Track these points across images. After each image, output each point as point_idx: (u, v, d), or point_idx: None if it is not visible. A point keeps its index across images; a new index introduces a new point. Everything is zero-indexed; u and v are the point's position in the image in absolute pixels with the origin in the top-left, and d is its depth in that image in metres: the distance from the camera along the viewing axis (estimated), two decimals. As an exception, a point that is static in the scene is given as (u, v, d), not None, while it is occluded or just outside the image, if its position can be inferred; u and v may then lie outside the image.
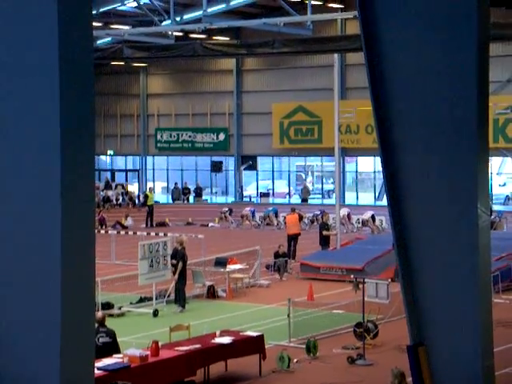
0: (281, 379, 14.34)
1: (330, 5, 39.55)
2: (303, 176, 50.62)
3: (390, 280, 17.52)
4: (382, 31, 9.94)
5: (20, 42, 6.97)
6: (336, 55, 28.76)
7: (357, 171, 48.07)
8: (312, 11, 31.89)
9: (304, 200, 45.95)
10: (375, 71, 10.05)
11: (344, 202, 42.00)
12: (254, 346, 14.41)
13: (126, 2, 39.22)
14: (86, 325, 7.26)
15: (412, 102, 10.00)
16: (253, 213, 37.29)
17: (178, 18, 36.91)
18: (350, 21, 42.11)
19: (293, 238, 26.98)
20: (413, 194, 10.10)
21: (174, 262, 19.97)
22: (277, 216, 36.52)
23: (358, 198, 46.61)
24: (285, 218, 29.68)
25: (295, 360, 14.96)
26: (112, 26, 38.00)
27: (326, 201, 46.81)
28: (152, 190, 44.09)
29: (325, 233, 27.04)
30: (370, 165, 46.84)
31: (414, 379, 10.42)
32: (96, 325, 12.31)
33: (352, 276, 20.14)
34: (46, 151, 7.06)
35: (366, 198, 46.57)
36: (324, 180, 49.96)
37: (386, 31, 9.94)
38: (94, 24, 26.21)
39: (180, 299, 19.78)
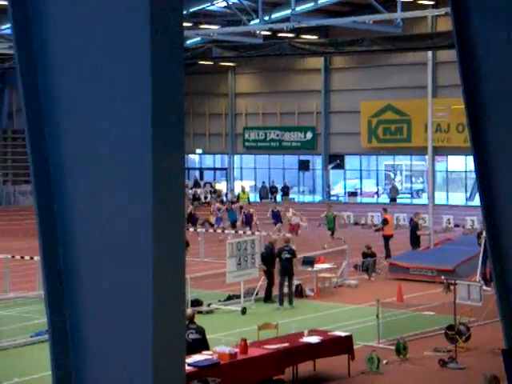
0: (370, 380, 14.20)
1: (421, 1, 38.95)
2: (392, 175, 50.05)
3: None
4: (475, 28, 9.72)
5: (111, 43, 7.08)
6: (430, 53, 28.29)
7: (447, 170, 47.24)
8: (402, 8, 31.47)
9: (392, 199, 45.43)
10: (468, 69, 9.83)
11: (434, 201, 41.32)
12: (343, 346, 14.31)
13: (215, 2, 39.53)
14: (177, 321, 7.33)
15: (507, 100, 9.74)
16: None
17: (266, 18, 36.98)
18: (441, 17, 41.39)
19: (388, 238, 26.84)
20: (508, 195, 9.84)
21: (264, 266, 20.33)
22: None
23: (448, 197, 45.81)
24: (385, 218, 28.31)
25: (385, 361, 14.79)
26: (201, 26, 38.37)
27: (415, 200, 46.18)
28: (245, 189, 44.36)
29: (419, 233, 26.72)
30: (461, 164, 45.97)
31: (509, 384, 10.15)
32: (186, 321, 12.44)
33: (442, 277, 19.79)
34: (137, 150, 7.15)
35: (457, 197, 45.73)
36: (413, 179, 49.30)
37: (480, 28, 9.72)
38: (184, 24, 26.49)
39: (288, 296, 20.03)
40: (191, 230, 30.07)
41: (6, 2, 28.33)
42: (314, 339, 14.02)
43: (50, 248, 7.44)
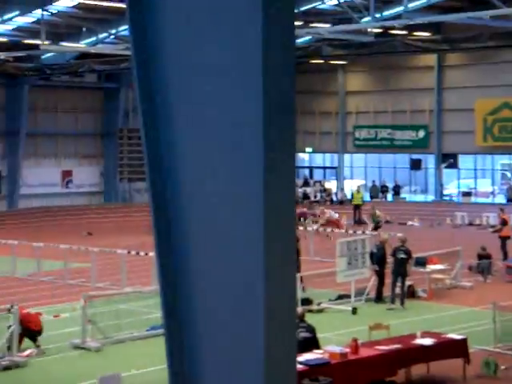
0: (486, 385, 13.82)
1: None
2: (508, 175, 48.64)
3: None
4: None
5: (224, 43, 7.11)
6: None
7: None
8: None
9: (510, 200, 44.15)
10: None
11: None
12: (457, 349, 13.97)
13: (326, 1, 39.38)
14: (288, 319, 7.30)
15: None
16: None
17: (377, 15, 36.57)
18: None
19: (506, 240, 26.12)
20: None
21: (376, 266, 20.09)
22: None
23: None
24: (503, 218, 27.18)
25: (503, 367, 14.34)
26: (312, 25, 38.30)
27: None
28: (360, 189, 44.12)
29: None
30: None
31: None
32: (296, 320, 12.41)
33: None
34: (249, 149, 7.14)
35: None
36: (530, 179, 47.75)
37: None
38: (295, 23, 26.52)
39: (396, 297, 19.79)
40: (301, 228, 30.09)
41: (123, 5, 28.69)
42: (428, 341, 13.74)
43: (165, 245, 7.56)
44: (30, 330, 16.30)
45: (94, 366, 15.28)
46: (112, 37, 39.99)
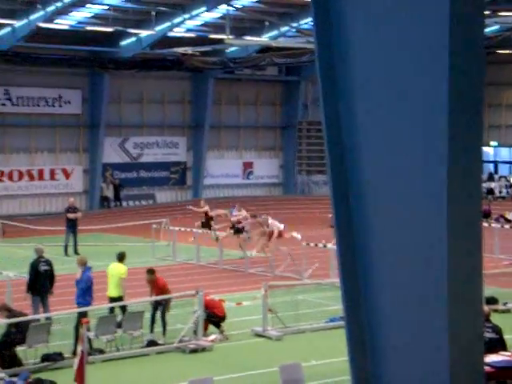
0: None
1: None
2: None
3: None
4: None
5: (408, 35, 7.00)
6: None
7: None
8: None
9: None
10: None
11: None
12: None
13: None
14: (474, 318, 7.10)
15: None
16: None
17: None
18: None
19: None
20: None
21: None
22: None
23: None
24: None
25: None
26: (500, 14, 36.93)
27: None
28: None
29: None
30: None
31: None
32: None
33: None
34: (433, 141, 7.01)
35: None
36: None
37: None
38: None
39: None
40: (485, 224, 29.14)
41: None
42: None
43: (346, 239, 7.55)
44: (214, 316, 16.84)
45: (274, 354, 15.57)
46: (293, 30, 40.42)
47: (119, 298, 16.81)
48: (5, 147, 39.54)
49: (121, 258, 17.23)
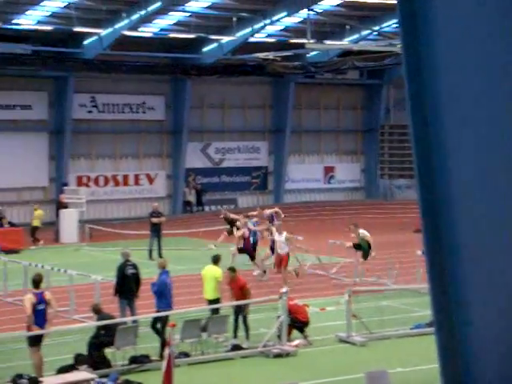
0: None
1: None
2: None
3: None
4: None
5: (503, 41, 6.86)
6: None
7: None
8: None
9: None
10: None
11: None
12: None
13: None
14: None
15: None
16: None
17: None
18: None
19: None
20: None
21: None
22: None
23: None
24: None
25: None
26: None
27: None
28: None
29: None
30: None
31: None
32: None
33: None
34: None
35: None
36: None
37: None
38: None
39: None
40: None
41: (388, 1, 28.57)
42: None
43: (435, 247, 7.48)
44: (297, 321, 16.86)
45: (359, 360, 15.49)
46: (375, 33, 40.19)
47: (216, 300, 17.04)
48: (91, 153, 40.44)
49: (216, 260, 17.44)
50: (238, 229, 26.33)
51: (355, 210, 43.44)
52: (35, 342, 14.06)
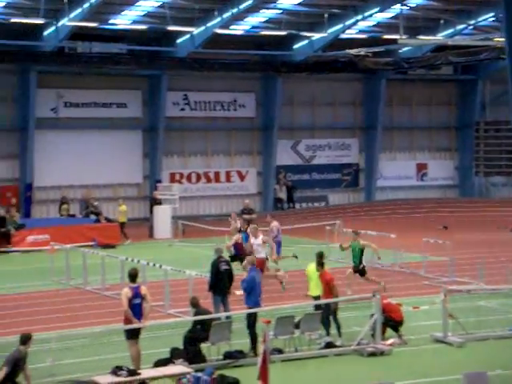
0: None
1: None
2: None
3: None
4: None
5: None
6: None
7: None
8: None
9: None
10: None
11: None
12: None
13: None
14: None
15: None
16: None
17: None
18: None
19: None
20: None
21: None
22: None
23: None
24: None
25: None
26: None
27: None
28: None
29: None
30: None
31: None
32: None
33: None
34: None
35: None
36: None
37: None
38: None
39: None
40: None
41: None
42: None
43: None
44: (391, 320, 16.65)
45: (456, 361, 15.18)
46: (470, 27, 39.39)
47: (319, 297, 17.06)
48: (184, 150, 40.94)
49: (320, 257, 17.42)
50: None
51: (449, 207, 42.74)
52: (133, 335, 14.30)
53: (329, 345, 16.23)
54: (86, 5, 32.91)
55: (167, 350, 15.05)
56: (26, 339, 12.63)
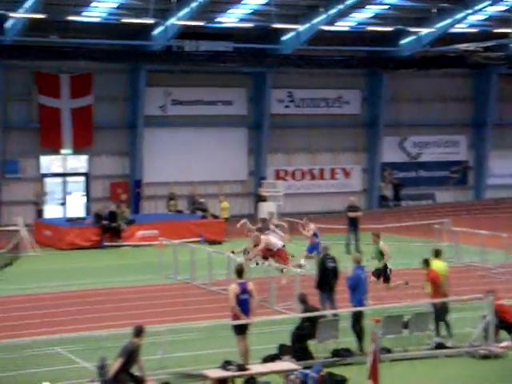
0: None
1: None
2: None
3: None
4: None
5: None
6: None
7: None
8: None
9: None
10: None
11: None
12: None
13: None
14: None
15: None
16: None
17: None
18: None
19: None
20: None
21: None
22: None
23: None
24: None
25: None
26: None
27: None
28: None
29: None
30: None
31: None
32: None
33: None
34: None
35: None
36: None
37: None
38: None
39: None
40: None
41: None
42: None
43: None
44: (505, 322, 16.12)
45: None
46: None
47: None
48: (288, 147, 40.92)
49: (437, 254, 17.06)
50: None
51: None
52: (241, 330, 14.32)
53: (439, 345, 15.85)
54: (194, 4, 33.28)
55: (274, 346, 15.01)
56: (139, 332, 12.80)
